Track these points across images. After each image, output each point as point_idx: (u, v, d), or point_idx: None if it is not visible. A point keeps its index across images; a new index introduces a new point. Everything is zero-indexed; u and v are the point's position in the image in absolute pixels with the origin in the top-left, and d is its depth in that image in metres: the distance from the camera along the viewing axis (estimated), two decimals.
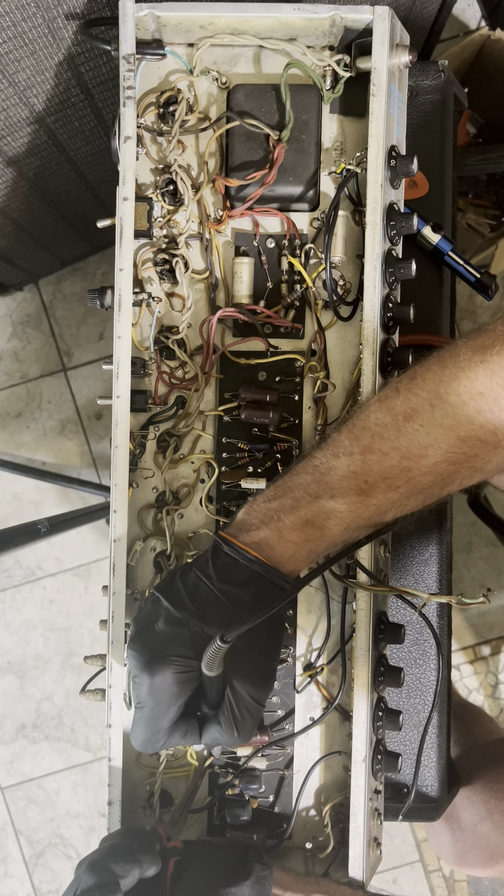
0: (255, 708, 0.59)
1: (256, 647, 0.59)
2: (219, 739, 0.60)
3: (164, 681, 0.58)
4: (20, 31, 0.75)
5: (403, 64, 0.68)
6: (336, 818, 0.70)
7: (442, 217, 0.80)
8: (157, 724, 0.59)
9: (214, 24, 0.67)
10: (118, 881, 0.55)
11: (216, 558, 0.60)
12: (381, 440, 0.58)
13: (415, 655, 0.81)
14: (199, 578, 0.60)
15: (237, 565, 0.59)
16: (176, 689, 0.59)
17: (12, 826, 1.61)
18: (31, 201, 1.13)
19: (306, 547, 0.59)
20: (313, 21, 0.66)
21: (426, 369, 0.58)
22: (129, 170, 0.66)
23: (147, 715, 0.59)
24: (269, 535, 0.59)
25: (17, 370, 1.60)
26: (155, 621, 0.60)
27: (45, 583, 1.60)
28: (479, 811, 0.94)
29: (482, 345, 0.56)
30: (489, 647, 1.61)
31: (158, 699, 0.58)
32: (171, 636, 0.59)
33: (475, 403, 0.56)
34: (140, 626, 0.61)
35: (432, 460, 0.57)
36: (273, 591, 0.59)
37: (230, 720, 0.59)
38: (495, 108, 1.39)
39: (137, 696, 0.60)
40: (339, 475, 0.58)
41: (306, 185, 0.69)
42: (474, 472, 0.58)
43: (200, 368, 0.71)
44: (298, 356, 0.70)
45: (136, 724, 0.60)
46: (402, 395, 0.58)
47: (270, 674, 0.61)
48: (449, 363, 0.57)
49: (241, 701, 0.59)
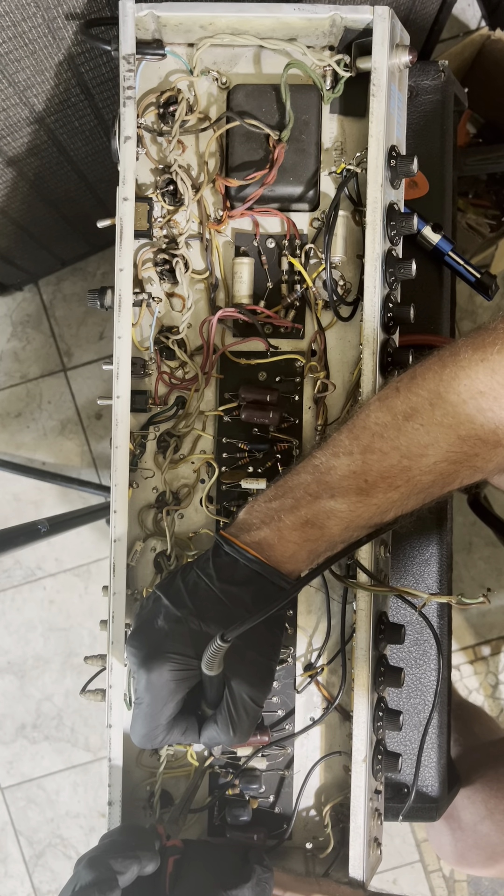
0: (253, 708, 0.59)
1: (255, 647, 0.59)
2: (217, 739, 0.60)
3: (161, 677, 0.58)
4: (20, 31, 0.75)
5: (403, 64, 0.68)
6: (336, 818, 0.70)
7: (442, 217, 0.80)
8: (154, 720, 0.60)
9: (214, 25, 0.67)
10: (116, 877, 0.55)
11: (217, 558, 0.61)
12: (381, 439, 0.58)
13: (415, 655, 0.81)
14: (199, 577, 0.60)
15: (237, 565, 0.59)
16: (173, 685, 0.59)
17: (12, 826, 1.61)
18: (31, 201, 1.13)
19: (307, 547, 0.59)
20: (313, 21, 0.66)
21: (426, 368, 0.58)
22: (129, 170, 0.66)
23: (145, 711, 0.59)
24: (269, 534, 0.59)
25: (17, 370, 1.60)
26: (154, 619, 0.60)
27: (45, 583, 1.60)
28: (479, 811, 0.94)
29: (482, 343, 0.56)
30: (489, 647, 1.61)
31: (156, 695, 0.59)
32: (169, 633, 0.59)
33: (475, 402, 0.56)
34: (140, 623, 0.61)
35: (433, 459, 0.57)
36: (273, 590, 0.59)
37: (227, 720, 0.59)
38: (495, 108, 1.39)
39: (136, 692, 0.60)
40: (339, 475, 0.58)
41: (306, 185, 0.68)
42: (475, 472, 0.58)
43: (200, 368, 0.71)
44: (299, 356, 0.70)
45: (135, 719, 0.60)
46: (402, 395, 0.58)
47: (269, 674, 0.61)
48: (449, 362, 0.57)
49: (239, 701, 0.59)
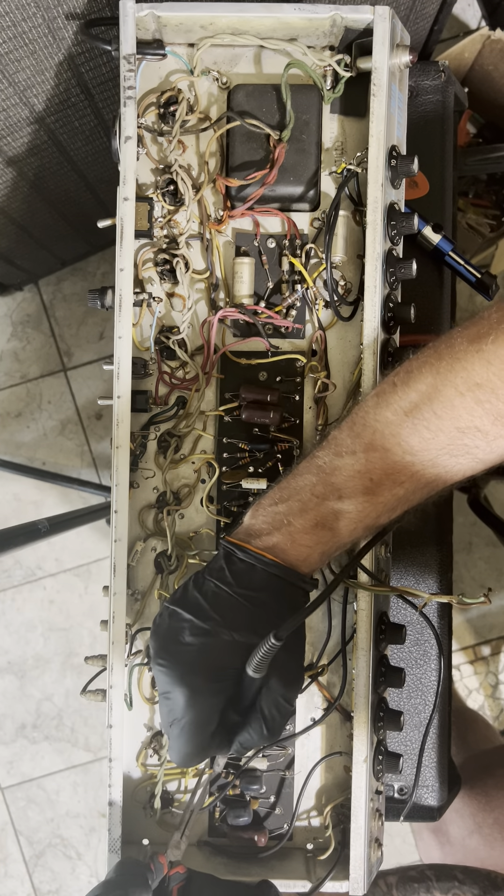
0: (287, 708, 0.59)
1: (284, 647, 0.58)
2: (251, 742, 0.59)
3: (204, 692, 0.57)
4: (20, 31, 0.75)
5: (404, 64, 0.68)
6: (337, 819, 0.70)
7: (442, 217, 0.80)
8: (199, 737, 0.58)
9: (215, 24, 0.67)
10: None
11: (231, 565, 0.59)
12: (382, 436, 0.57)
13: (416, 656, 0.81)
14: (217, 587, 0.59)
15: (254, 570, 0.59)
16: (215, 699, 0.58)
17: (12, 826, 1.61)
18: (31, 201, 1.13)
19: (318, 549, 0.59)
20: (314, 21, 0.66)
21: (422, 362, 0.58)
22: (129, 170, 0.66)
23: (189, 730, 0.58)
24: (281, 540, 0.59)
25: (17, 370, 1.60)
26: (179, 635, 0.58)
27: (45, 583, 1.60)
28: (467, 825, 0.93)
29: (477, 334, 0.56)
30: (489, 647, 1.61)
31: (199, 711, 0.57)
32: (201, 647, 0.58)
33: (473, 394, 0.55)
34: (164, 641, 0.59)
35: (434, 453, 0.57)
36: (293, 591, 0.59)
37: (262, 722, 0.58)
38: (495, 108, 1.39)
39: (172, 711, 0.58)
40: (344, 475, 0.58)
41: (307, 185, 0.68)
42: (477, 463, 0.58)
43: (201, 368, 0.71)
44: (299, 356, 0.70)
45: (177, 738, 0.58)
46: (399, 390, 0.58)
47: (299, 672, 0.61)
48: (445, 354, 0.57)
49: (274, 702, 0.58)
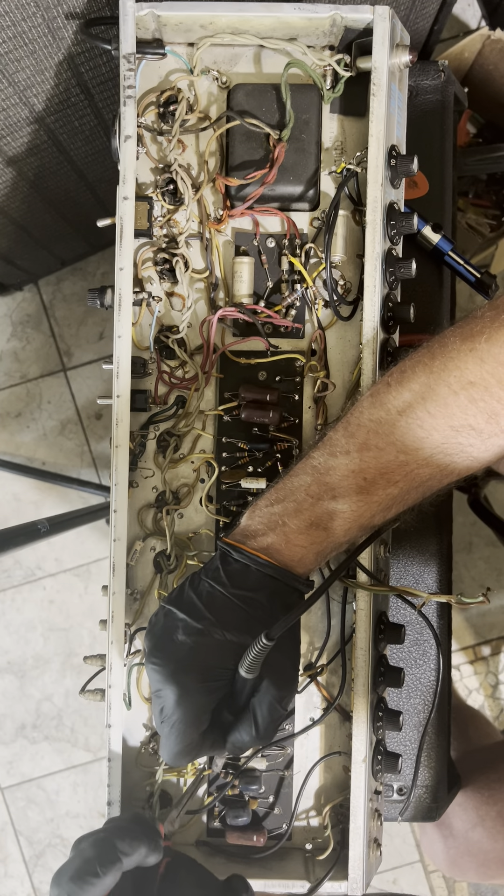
0: (280, 710, 0.59)
1: (278, 649, 0.58)
2: (243, 743, 0.59)
3: (194, 691, 0.57)
4: (20, 31, 0.75)
5: (404, 64, 0.68)
6: (336, 819, 0.70)
7: (442, 217, 0.80)
8: (189, 736, 0.58)
9: (215, 24, 0.67)
10: (121, 858, 0.55)
11: (226, 565, 0.59)
12: (376, 436, 0.57)
13: (415, 655, 0.81)
14: (212, 587, 0.59)
15: (248, 570, 0.59)
16: (206, 698, 0.58)
17: (12, 826, 1.61)
18: (31, 201, 1.13)
19: (313, 549, 0.59)
20: (314, 21, 0.66)
21: (416, 361, 0.58)
22: (129, 169, 0.66)
23: (178, 727, 0.58)
24: (276, 540, 0.59)
25: (17, 370, 1.60)
26: (173, 633, 0.58)
27: (45, 583, 1.60)
28: (470, 818, 0.93)
29: (470, 332, 0.56)
30: (489, 647, 1.61)
31: (188, 710, 0.57)
32: (194, 646, 0.58)
33: (467, 393, 0.55)
34: (157, 640, 0.59)
35: (428, 452, 0.57)
36: (287, 591, 0.59)
37: (254, 724, 0.58)
38: (495, 108, 1.39)
39: (164, 709, 0.58)
40: (338, 475, 0.58)
41: (306, 185, 0.68)
42: (472, 461, 0.58)
43: (200, 368, 0.71)
44: (299, 356, 0.70)
45: (168, 737, 0.58)
46: (393, 389, 0.58)
47: (293, 674, 0.61)
48: (438, 353, 0.57)
49: (266, 703, 0.58)
